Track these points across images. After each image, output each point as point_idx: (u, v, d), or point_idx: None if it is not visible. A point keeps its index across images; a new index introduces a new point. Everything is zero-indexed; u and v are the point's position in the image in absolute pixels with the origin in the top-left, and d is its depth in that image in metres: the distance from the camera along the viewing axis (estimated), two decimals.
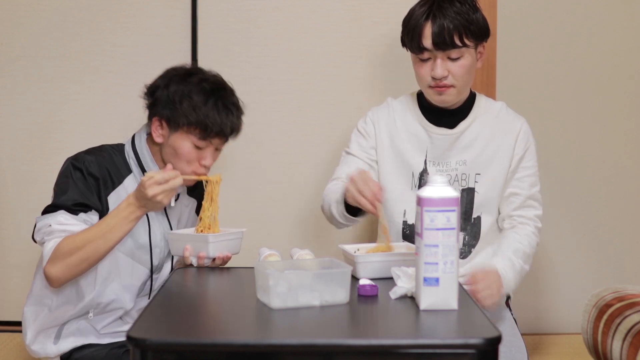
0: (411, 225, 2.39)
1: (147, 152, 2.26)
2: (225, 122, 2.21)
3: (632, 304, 2.15)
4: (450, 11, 2.25)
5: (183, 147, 2.20)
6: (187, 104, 2.18)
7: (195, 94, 2.20)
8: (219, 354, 1.56)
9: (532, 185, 2.39)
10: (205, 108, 2.18)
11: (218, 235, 2.18)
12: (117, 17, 2.87)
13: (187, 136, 2.20)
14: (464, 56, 2.28)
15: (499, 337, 1.54)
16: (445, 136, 2.38)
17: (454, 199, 1.72)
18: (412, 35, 2.29)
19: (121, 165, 2.25)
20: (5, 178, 2.93)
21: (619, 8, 2.96)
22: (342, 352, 1.55)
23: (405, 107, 2.45)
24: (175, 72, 2.26)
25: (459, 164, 2.37)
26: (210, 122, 2.18)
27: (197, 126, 2.18)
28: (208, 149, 2.22)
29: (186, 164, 2.21)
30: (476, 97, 2.44)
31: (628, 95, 2.98)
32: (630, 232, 3.02)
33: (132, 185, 2.23)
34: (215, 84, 2.25)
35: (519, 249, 2.31)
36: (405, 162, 2.40)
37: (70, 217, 2.13)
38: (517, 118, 2.42)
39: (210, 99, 2.20)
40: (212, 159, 2.24)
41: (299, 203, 2.93)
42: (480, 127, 2.39)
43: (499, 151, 2.37)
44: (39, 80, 2.90)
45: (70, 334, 2.22)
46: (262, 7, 2.88)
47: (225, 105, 2.22)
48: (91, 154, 2.23)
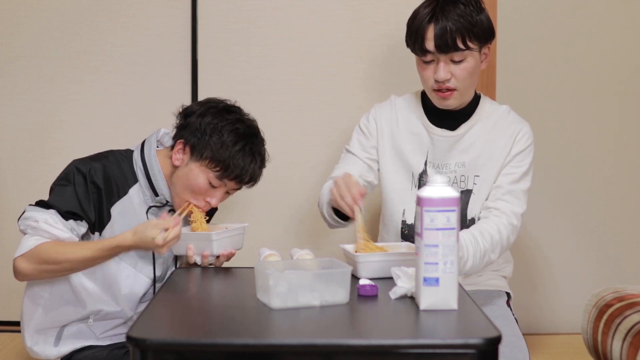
0: (410, 225, 2.39)
1: (155, 163, 2.23)
2: (247, 168, 2.19)
3: (632, 304, 2.14)
4: (453, 13, 2.24)
5: (198, 180, 2.18)
6: (217, 139, 2.17)
7: (228, 132, 2.18)
8: (219, 354, 1.56)
9: (515, 182, 2.33)
10: (233, 149, 2.17)
11: (221, 233, 2.17)
12: (117, 17, 2.87)
13: (206, 170, 2.18)
14: (467, 59, 2.27)
15: (499, 337, 1.54)
16: (446, 138, 2.38)
17: (454, 199, 1.72)
18: (415, 37, 2.28)
19: (128, 174, 2.23)
20: (5, 178, 2.93)
21: (619, 8, 2.95)
22: (342, 352, 1.55)
23: (408, 106, 2.44)
24: (214, 104, 2.25)
25: (458, 166, 2.36)
26: (233, 164, 2.17)
27: (219, 164, 2.17)
28: (220, 189, 2.21)
29: (192, 195, 2.19)
30: (481, 100, 2.42)
31: (628, 95, 2.98)
32: (630, 232, 3.02)
33: (137, 195, 2.21)
34: (249, 129, 2.23)
35: (486, 230, 2.23)
36: (405, 162, 2.39)
37: (59, 221, 2.12)
38: (519, 122, 2.40)
39: (240, 141, 2.19)
40: (219, 200, 2.22)
41: (299, 203, 2.93)
42: (481, 130, 2.38)
43: (495, 153, 2.36)
44: (39, 80, 2.90)
45: (70, 336, 2.22)
46: (262, 7, 2.88)
47: (252, 153, 2.21)
48: (98, 161, 2.20)
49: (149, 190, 2.23)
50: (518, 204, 2.32)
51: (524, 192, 2.34)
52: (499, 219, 2.28)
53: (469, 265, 2.18)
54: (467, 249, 2.16)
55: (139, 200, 2.22)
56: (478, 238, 2.20)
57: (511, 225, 2.28)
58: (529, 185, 2.36)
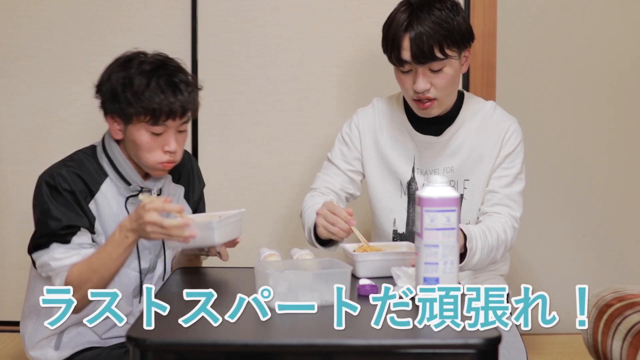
0: (402, 234, 2.35)
1: (118, 152, 2.16)
2: (173, 101, 2.05)
3: (632, 304, 2.15)
4: (428, 20, 2.15)
5: (141, 138, 2.08)
6: (130, 90, 2.06)
7: (136, 78, 2.06)
8: (219, 354, 1.56)
9: (509, 185, 2.29)
10: (148, 92, 2.04)
11: (222, 220, 2.04)
12: (117, 17, 2.87)
13: (140, 125, 2.08)
14: (446, 67, 2.19)
15: (498, 337, 1.55)
16: (432, 144, 2.32)
17: (454, 199, 1.72)
18: (392, 47, 2.20)
19: (95, 171, 2.15)
20: (5, 178, 2.93)
21: (619, 8, 2.96)
22: (342, 352, 1.55)
23: (391, 111, 2.37)
24: (113, 62, 2.15)
25: (446, 171, 2.30)
26: (157, 106, 2.04)
27: (146, 113, 2.05)
28: (167, 133, 2.09)
29: (149, 154, 2.10)
30: (464, 99, 2.34)
31: (628, 95, 2.98)
32: (630, 232, 3.02)
33: (110, 189, 2.15)
34: (154, 63, 2.10)
35: (492, 228, 2.20)
36: (392, 170, 2.34)
37: (65, 250, 2.07)
38: (506, 119, 2.33)
39: (151, 80, 2.06)
40: (177, 143, 2.11)
41: (299, 203, 2.92)
42: (467, 132, 2.31)
43: (484, 154, 2.30)
44: (39, 80, 2.90)
45: (71, 339, 2.20)
46: (262, 7, 2.88)
47: (169, 84, 2.07)
48: (62, 167, 2.14)
49: (120, 181, 2.16)
50: (516, 207, 2.29)
51: (519, 194, 2.31)
52: (503, 219, 2.25)
53: (476, 258, 2.14)
54: (475, 242, 2.13)
55: (113, 193, 2.16)
56: (486, 233, 2.17)
57: (513, 227, 2.27)
58: (523, 185, 2.32)
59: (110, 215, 2.14)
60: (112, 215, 2.14)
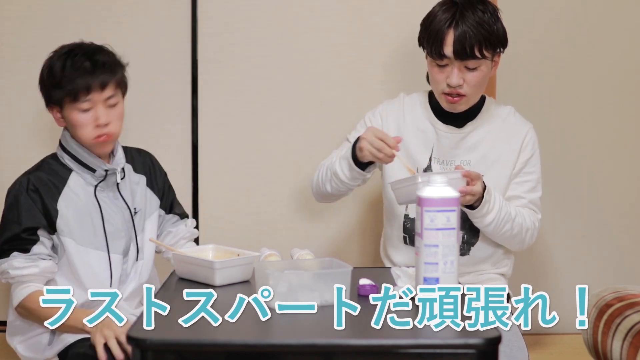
0: (412, 219, 2.38)
1: (73, 142, 2.24)
2: (89, 78, 2.17)
3: (632, 304, 2.15)
4: (472, 20, 2.24)
5: (73, 118, 2.19)
6: (51, 77, 2.19)
7: (55, 64, 2.19)
8: (219, 354, 1.57)
9: (532, 190, 2.39)
10: (61, 74, 2.17)
11: (225, 262, 2.01)
12: (117, 17, 2.87)
13: (69, 107, 2.18)
14: (481, 67, 2.28)
15: (498, 337, 1.55)
16: (453, 134, 2.38)
17: (454, 199, 1.72)
18: (434, 40, 2.27)
19: (59, 169, 2.24)
20: (5, 178, 2.93)
21: (620, 9, 2.96)
22: (342, 352, 1.55)
23: (415, 103, 2.45)
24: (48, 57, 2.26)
25: (463, 164, 2.35)
26: (74, 85, 2.16)
27: (68, 93, 2.17)
28: (95, 109, 2.18)
29: (83, 130, 2.19)
30: (485, 101, 2.43)
31: (628, 95, 2.98)
32: (630, 232, 3.02)
33: (76, 182, 2.23)
34: (70, 46, 2.23)
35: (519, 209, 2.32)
36: (410, 157, 2.39)
37: (24, 260, 2.15)
38: (524, 123, 2.43)
39: (66, 62, 2.18)
40: (107, 115, 2.19)
41: (299, 203, 2.93)
42: (487, 131, 2.39)
43: (502, 155, 2.37)
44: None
45: (63, 334, 2.20)
46: (262, 7, 2.88)
47: (83, 62, 2.18)
48: (25, 175, 2.24)
49: (84, 171, 2.24)
50: (538, 211, 2.39)
51: (540, 199, 2.41)
52: (529, 212, 2.36)
53: (490, 217, 2.24)
54: (494, 199, 2.22)
55: (81, 184, 2.23)
56: (508, 204, 2.28)
57: (534, 225, 2.36)
58: (542, 192, 2.42)
59: (81, 207, 2.22)
60: (82, 207, 2.22)
